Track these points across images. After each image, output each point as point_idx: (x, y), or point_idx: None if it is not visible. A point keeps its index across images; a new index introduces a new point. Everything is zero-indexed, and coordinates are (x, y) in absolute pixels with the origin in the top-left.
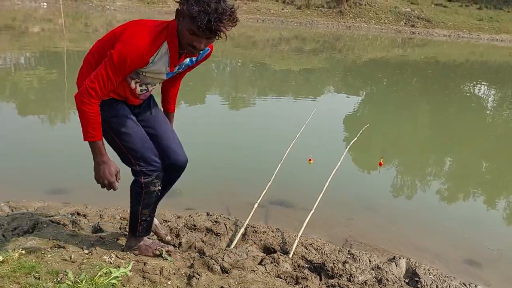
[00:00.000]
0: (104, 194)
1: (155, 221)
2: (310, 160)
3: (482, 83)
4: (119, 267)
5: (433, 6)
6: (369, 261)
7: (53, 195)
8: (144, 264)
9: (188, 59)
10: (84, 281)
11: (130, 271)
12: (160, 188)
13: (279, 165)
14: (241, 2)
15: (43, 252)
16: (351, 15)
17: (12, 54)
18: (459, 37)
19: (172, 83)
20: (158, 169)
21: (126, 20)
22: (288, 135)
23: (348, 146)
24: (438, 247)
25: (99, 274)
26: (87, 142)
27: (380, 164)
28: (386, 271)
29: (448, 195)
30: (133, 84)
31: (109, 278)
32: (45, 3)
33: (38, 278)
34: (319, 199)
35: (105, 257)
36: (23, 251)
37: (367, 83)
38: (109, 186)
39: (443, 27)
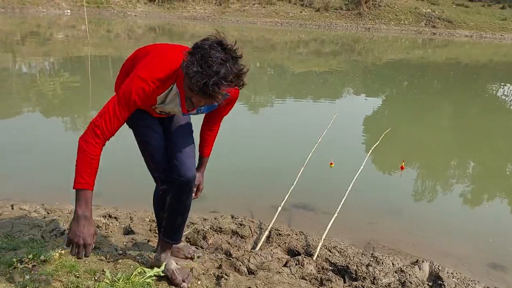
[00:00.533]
0: (133, 197)
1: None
2: (331, 163)
3: (507, 84)
4: (152, 267)
5: (454, 6)
6: (392, 264)
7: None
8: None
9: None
10: (121, 280)
11: (162, 271)
12: None
13: (302, 168)
14: (259, 5)
15: None
16: (370, 17)
17: (37, 60)
18: (481, 37)
19: (208, 126)
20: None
21: (146, 26)
22: (309, 139)
23: (370, 151)
24: (461, 251)
25: (134, 273)
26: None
27: (402, 168)
28: (409, 274)
29: (471, 198)
30: (156, 111)
31: (144, 277)
32: (68, 10)
33: (78, 277)
34: (342, 202)
35: (138, 257)
36: (62, 251)
37: (387, 85)
38: (83, 248)
39: (465, 27)
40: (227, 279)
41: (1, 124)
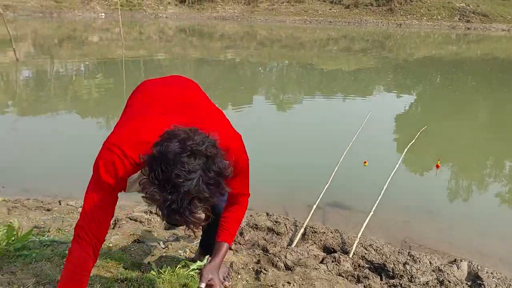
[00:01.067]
0: None
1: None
2: (365, 162)
3: None
4: (195, 261)
5: None
6: (430, 263)
7: (124, 194)
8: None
9: None
10: (166, 272)
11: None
12: None
13: (336, 167)
14: (288, 4)
15: (126, 245)
16: (401, 13)
17: (73, 63)
18: None
19: (225, 206)
20: None
21: (177, 27)
22: (342, 137)
23: (406, 149)
24: (500, 250)
25: (178, 266)
26: None
27: (437, 167)
28: (447, 273)
29: (509, 197)
30: None
31: (188, 270)
32: (103, 14)
33: (126, 268)
34: (378, 201)
35: (180, 251)
36: (110, 245)
37: (420, 82)
38: None
39: (502, 21)
40: (266, 274)
41: (43, 124)
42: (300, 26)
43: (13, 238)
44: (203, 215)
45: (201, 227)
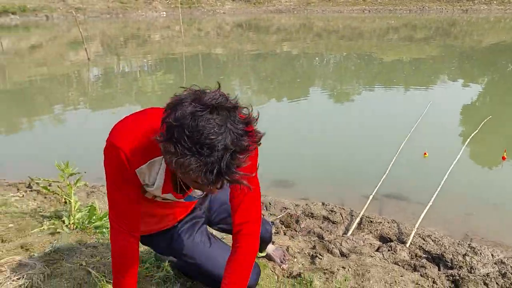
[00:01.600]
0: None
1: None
2: (425, 153)
3: None
4: None
5: None
6: (492, 255)
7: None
8: (272, 243)
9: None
10: None
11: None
12: None
13: (394, 158)
14: None
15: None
16: None
17: (138, 60)
18: None
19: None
20: None
21: (234, 22)
22: (402, 128)
23: (468, 139)
24: None
25: None
26: None
27: (504, 158)
28: (511, 266)
29: None
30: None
31: None
32: (164, 12)
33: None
34: (437, 192)
35: None
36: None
37: (488, 71)
38: None
39: None
40: (321, 259)
41: (112, 118)
42: (358, 16)
43: (93, 217)
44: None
45: None
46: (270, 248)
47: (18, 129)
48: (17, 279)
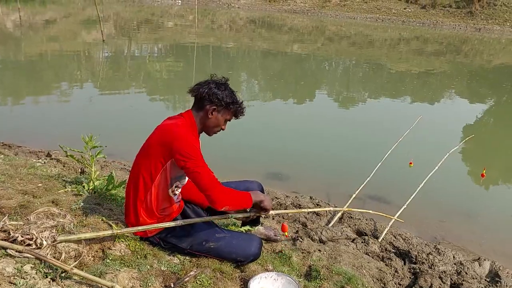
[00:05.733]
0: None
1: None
2: (411, 163)
3: None
4: (245, 225)
5: None
6: (453, 257)
7: None
8: (261, 224)
9: None
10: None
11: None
12: None
13: (379, 163)
14: (361, 0)
15: None
16: (482, 16)
17: (149, 45)
18: None
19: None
20: None
21: (248, 18)
22: (393, 137)
23: (447, 154)
24: None
25: (230, 225)
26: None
27: (483, 176)
28: (467, 268)
29: None
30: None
31: (239, 228)
32: (179, 1)
33: None
34: (412, 196)
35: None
36: None
37: (494, 92)
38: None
39: None
40: (301, 242)
41: (123, 99)
42: (371, 24)
43: (110, 186)
44: None
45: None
46: (261, 228)
47: (35, 102)
48: (52, 225)
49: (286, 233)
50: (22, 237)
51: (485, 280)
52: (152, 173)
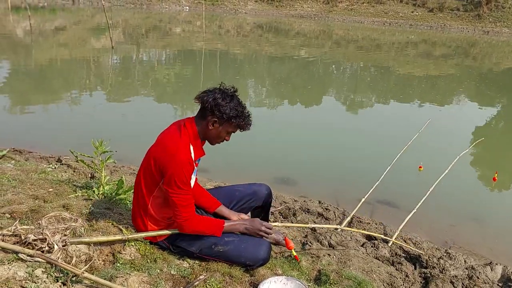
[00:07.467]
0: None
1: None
2: (420, 167)
3: None
4: None
5: None
6: (464, 261)
7: None
8: None
9: None
10: None
11: None
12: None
13: (389, 167)
14: (368, 4)
15: None
16: (490, 19)
17: (157, 51)
18: None
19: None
20: None
21: (255, 23)
22: (401, 141)
23: (457, 158)
24: None
25: None
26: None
27: (494, 179)
28: (479, 272)
29: None
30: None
31: None
32: (187, 7)
33: None
34: (422, 200)
35: None
36: None
37: (504, 95)
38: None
39: None
40: (311, 246)
41: (131, 106)
42: (378, 28)
43: (120, 190)
44: None
45: None
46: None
47: (45, 108)
48: (64, 228)
49: (294, 252)
50: (35, 237)
51: (497, 285)
52: (150, 185)
